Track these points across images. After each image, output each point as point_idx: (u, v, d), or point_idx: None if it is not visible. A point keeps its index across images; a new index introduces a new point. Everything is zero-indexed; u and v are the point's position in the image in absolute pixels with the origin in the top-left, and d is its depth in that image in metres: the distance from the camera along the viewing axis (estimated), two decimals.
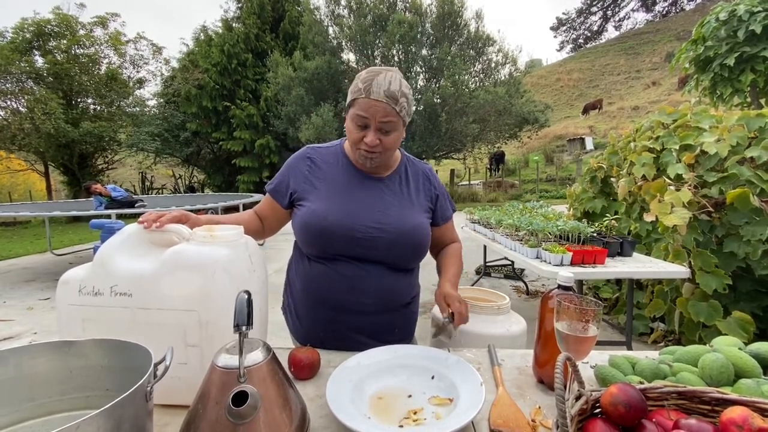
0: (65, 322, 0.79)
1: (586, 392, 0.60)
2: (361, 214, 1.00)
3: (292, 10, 16.65)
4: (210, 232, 0.81)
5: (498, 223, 3.24)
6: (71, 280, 0.79)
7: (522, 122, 15.12)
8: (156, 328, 0.75)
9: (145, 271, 0.76)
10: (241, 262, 0.82)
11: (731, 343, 0.78)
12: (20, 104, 12.78)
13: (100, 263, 0.79)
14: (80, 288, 0.78)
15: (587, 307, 0.66)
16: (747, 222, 2.25)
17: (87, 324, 0.78)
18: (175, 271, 0.75)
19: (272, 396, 0.60)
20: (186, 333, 0.74)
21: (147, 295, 0.75)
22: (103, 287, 0.77)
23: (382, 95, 0.92)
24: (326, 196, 1.02)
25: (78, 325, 0.78)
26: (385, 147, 0.97)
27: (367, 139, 0.95)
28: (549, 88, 33.65)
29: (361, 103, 0.94)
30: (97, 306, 0.76)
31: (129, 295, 0.76)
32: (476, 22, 14.07)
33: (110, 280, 0.77)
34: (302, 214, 1.03)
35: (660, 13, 46.29)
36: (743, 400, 0.57)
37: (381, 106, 0.93)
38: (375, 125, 0.94)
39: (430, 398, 0.76)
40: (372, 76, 0.94)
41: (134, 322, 0.75)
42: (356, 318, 1.03)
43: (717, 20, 5.15)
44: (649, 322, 2.98)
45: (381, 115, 0.93)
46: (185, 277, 0.75)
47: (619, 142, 3.42)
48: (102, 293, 0.76)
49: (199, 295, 0.74)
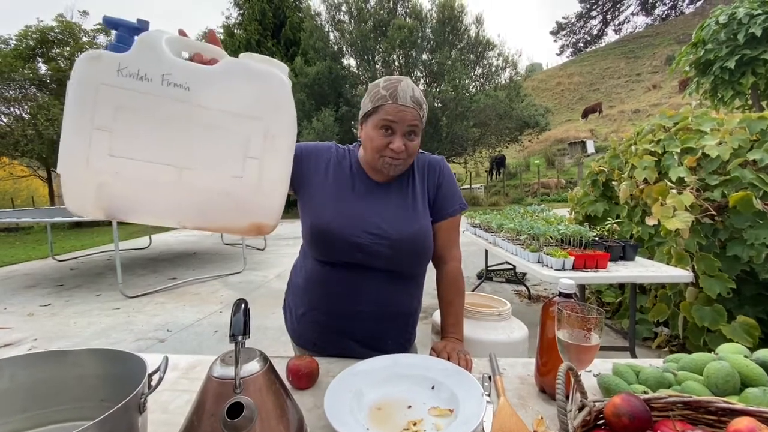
0: (90, 105, 0.59)
1: (589, 403, 0.59)
2: (364, 221, 0.99)
3: (294, 16, 16.78)
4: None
5: (499, 227, 3.23)
6: (105, 56, 0.60)
7: (523, 126, 15.16)
8: (211, 133, 0.63)
9: (205, 67, 0.63)
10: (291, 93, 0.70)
11: (737, 350, 0.77)
12: (23, 111, 12.89)
13: (147, 48, 0.61)
14: (120, 67, 0.59)
15: (589, 315, 0.65)
16: (750, 225, 2.24)
17: (121, 114, 0.60)
18: (242, 75, 0.64)
19: (269, 407, 0.59)
20: (249, 143, 0.64)
21: (209, 93, 0.62)
22: (152, 73, 0.60)
23: (409, 101, 0.93)
24: (332, 200, 1.01)
25: (107, 113, 0.59)
26: (409, 152, 0.97)
27: (394, 144, 0.94)
28: (549, 91, 33.72)
29: (388, 108, 0.93)
30: (142, 93, 0.60)
31: (186, 89, 0.61)
32: (476, 26, 14.17)
33: (161, 66, 0.60)
34: (309, 215, 1.02)
35: (659, 17, 46.46)
36: (750, 410, 0.55)
37: (409, 111, 0.93)
38: (402, 130, 0.94)
39: (430, 409, 0.74)
40: (394, 83, 0.95)
41: (189, 121, 0.62)
42: (350, 324, 1.02)
43: (717, 23, 5.16)
44: (652, 327, 2.95)
45: (410, 119, 0.94)
46: (255, 83, 0.64)
47: (621, 146, 3.41)
48: (150, 79, 0.60)
49: (269, 104, 0.65)
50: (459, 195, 1.10)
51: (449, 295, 1.09)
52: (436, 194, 1.07)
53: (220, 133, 0.63)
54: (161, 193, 0.62)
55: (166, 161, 0.61)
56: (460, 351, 0.95)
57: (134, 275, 5.70)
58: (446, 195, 1.08)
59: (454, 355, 0.93)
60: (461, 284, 1.10)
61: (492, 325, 1.27)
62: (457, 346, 0.99)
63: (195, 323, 3.75)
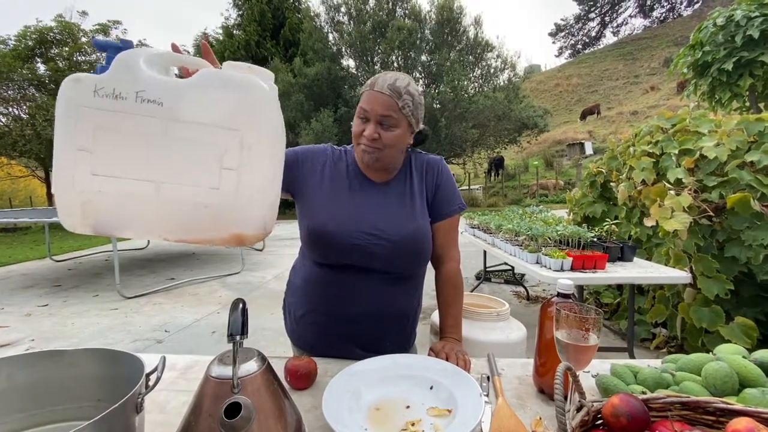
0: (72, 127, 0.61)
1: (587, 403, 0.59)
2: (361, 221, 0.98)
3: (293, 17, 16.80)
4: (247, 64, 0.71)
5: (498, 228, 3.23)
6: (84, 79, 0.62)
7: (521, 127, 15.19)
8: (186, 146, 0.63)
9: (179, 81, 0.64)
10: (276, 101, 0.71)
11: (735, 351, 0.77)
12: (22, 111, 12.85)
13: (124, 67, 0.63)
14: (96, 88, 0.61)
15: (587, 316, 0.65)
16: (748, 226, 2.24)
17: (99, 133, 0.61)
18: (217, 86, 0.64)
19: (267, 407, 0.59)
20: (224, 154, 0.64)
21: (183, 106, 0.63)
22: (126, 91, 0.62)
23: (386, 88, 0.92)
24: (328, 201, 1.01)
25: (86, 134, 0.61)
26: (384, 143, 0.95)
27: (366, 131, 0.94)
28: (548, 93, 33.80)
29: (365, 96, 0.94)
30: (117, 112, 0.61)
31: (159, 104, 0.62)
32: (475, 28, 14.20)
33: (136, 83, 0.62)
34: (306, 217, 1.02)
35: (657, 19, 46.65)
36: (748, 410, 0.55)
37: (382, 98, 0.92)
38: (375, 118, 0.94)
39: (428, 409, 0.74)
40: (381, 74, 0.96)
41: (162, 136, 0.62)
42: (348, 326, 1.02)
43: (715, 25, 5.18)
44: (651, 328, 2.96)
45: (381, 107, 0.92)
46: (230, 93, 0.64)
47: (619, 147, 3.42)
48: (124, 98, 0.61)
49: (246, 114, 0.64)
50: (458, 195, 1.09)
51: (448, 296, 1.09)
52: (435, 194, 1.06)
53: (195, 146, 0.63)
54: (142, 208, 0.63)
55: (144, 177, 0.63)
56: (458, 351, 0.95)
57: (132, 276, 5.69)
58: (445, 195, 1.07)
59: (452, 355, 0.92)
60: (460, 285, 1.10)
61: (491, 326, 1.27)
62: (456, 347, 0.99)
63: (193, 324, 3.74)
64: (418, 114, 0.99)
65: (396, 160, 1.04)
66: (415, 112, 0.98)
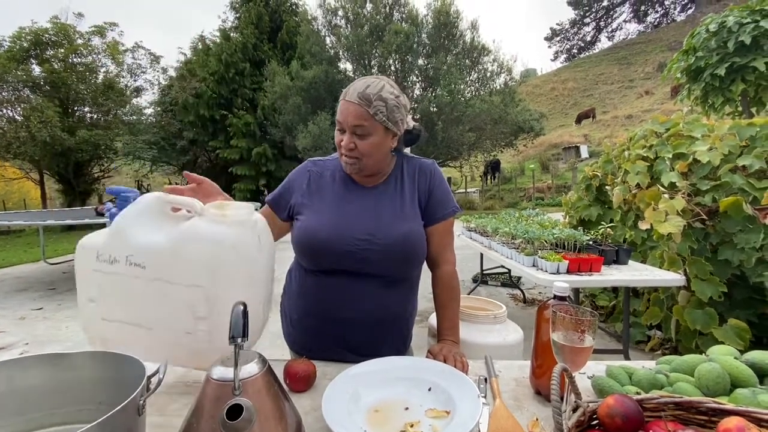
0: (84, 286, 0.82)
1: (583, 404, 0.60)
2: (353, 227, 0.98)
3: (290, 21, 16.83)
4: (222, 211, 0.81)
5: (494, 231, 3.25)
6: (88, 246, 0.81)
7: (517, 131, 15.27)
8: (164, 300, 0.76)
9: (159, 244, 0.77)
10: (249, 241, 0.82)
11: (727, 352, 0.79)
12: (16, 113, 12.77)
13: (118, 232, 0.80)
14: (98, 255, 0.79)
15: (583, 318, 0.66)
16: (741, 230, 2.27)
17: (102, 289, 0.80)
18: (186, 246, 0.76)
19: (267, 409, 0.60)
20: (195, 306, 0.75)
21: (159, 268, 0.76)
22: (120, 256, 0.78)
23: (356, 97, 0.92)
24: (319, 211, 1.02)
25: (93, 289, 0.80)
26: (361, 152, 0.95)
27: (343, 142, 0.95)
28: (544, 97, 34.02)
29: (339, 106, 0.95)
30: (112, 273, 0.78)
31: (143, 267, 0.77)
32: (472, 32, 14.28)
33: (126, 249, 0.78)
34: (296, 229, 1.03)
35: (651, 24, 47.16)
36: (740, 410, 0.57)
37: (352, 108, 0.92)
38: (349, 128, 0.94)
39: (427, 411, 0.75)
40: (355, 81, 0.96)
41: (145, 293, 0.77)
42: (346, 331, 1.02)
43: (707, 31, 5.26)
44: (646, 330, 2.98)
45: (353, 117, 0.92)
46: (195, 253, 0.76)
47: (614, 151, 3.45)
48: (118, 261, 0.78)
49: (206, 271, 0.75)
50: (451, 198, 1.09)
51: (444, 299, 1.09)
52: (429, 198, 1.06)
53: (171, 300, 0.76)
54: (142, 343, 0.78)
55: (138, 323, 0.79)
56: (456, 354, 0.95)
57: None
58: (439, 199, 1.06)
59: (450, 357, 0.93)
60: (456, 287, 1.10)
61: (488, 328, 1.28)
62: (454, 349, 0.99)
63: None
64: (396, 117, 0.96)
65: (381, 166, 1.03)
66: (392, 116, 0.95)
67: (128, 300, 0.78)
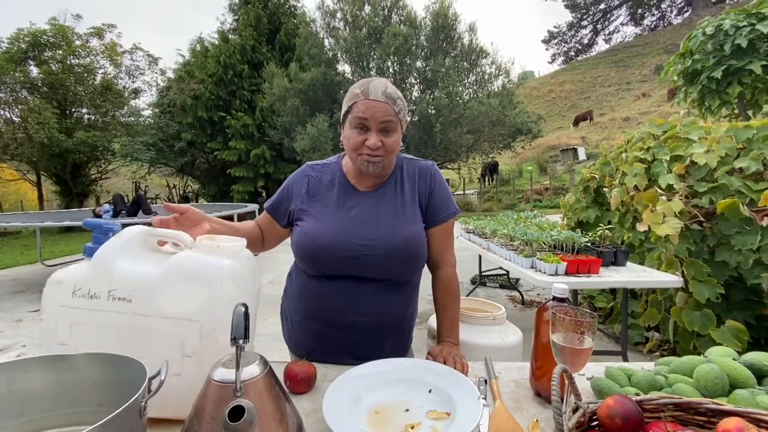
0: (52, 324, 0.74)
1: (583, 405, 0.61)
2: (353, 232, 0.98)
3: (289, 23, 16.85)
4: (215, 242, 0.80)
5: (493, 232, 3.25)
6: (65, 281, 0.75)
7: (515, 133, 15.31)
8: (151, 336, 0.72)
9: (148, 276, 0.74)
10: (244, 273, 0.81)
11: (725, 353, 0.79)
12: (14, 114, 12.73)
13: (100, 265, 0.75)
14: (74, 289, 0.74)
15: (582, 319, 0.66)
16: (738, 231, 2.29)
17: (75, 329, 0.73)
18: (180, 278, 0.74)
19: (269, 411, 0.60)
20: (184, 342, 0.71)
21: (148, 302, 0.73)
22: (100, 290, 0.73)
23: (381, 95, 0.93)
24: (319, 216, 1.02)
25: (65, 330, 0.73)
26: (387, 149, 0.96)
27: (370, 141, 0.93)
28: (541, 99, 34.14)
29: (360, 105, 0.94)
30: (91, 310, 0.73)
31: (128, 301, 0.73)
32: (470, 34, 14.32)
33: (109, 283, 0.74)
34: (296, 234, 1.03)
35: (648, 27, 47.41)
36: (739, 410, 0.57)
37: (381, 106, 0.93)
38: (376, 126, 0.94)
39: (427, 412, 0.75)
40: (367, 81, 0.96)
41: (129, 328, 0.72)
42: (347, 335, 1.02)
43: (704, 34, 5.29)
44: (644, 332, 2.99)
45: (381, 114, 0.93)
46: (190, 285, 0.73)
47: (611, 153, 3.47)
48: (98, 297, 0.73)
49: (204, 305, 0.72)
50: (451, 200, 1.09)
51: (444, 300, 1.10)
52: (429, 200, 1.06)
53: (159, 336, 0.72)
54: None
55: None
56: (456, 355, 0.96)
57: None
58: (439, 201, 1.07)
59: (450, 359, 0.93)
60: (456, 289, 1.11)
61: (487, 330, 1.29)
62: (454, 350, 1.00)
63: None
64: (406, 116, 1.02)
65: (392, 165, 1.05)
66: (405, 114, 1.00)
67: (108, 340, 0.72)
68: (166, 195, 19.67)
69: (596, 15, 49.66)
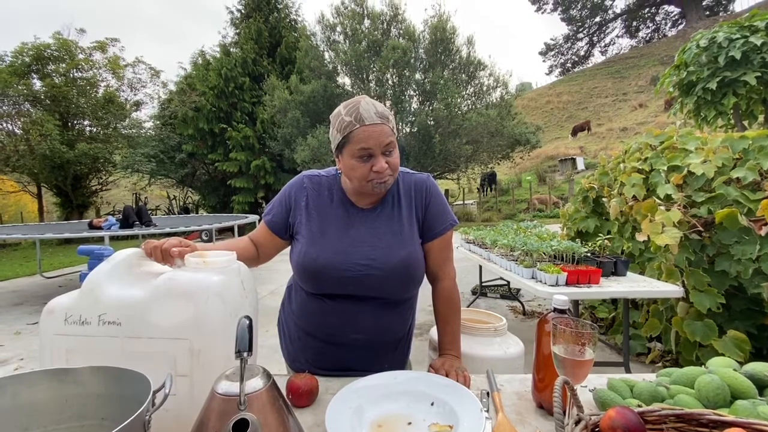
0: (48, 353, 0.76)
1: (585, 416, 0.61)
2: (353, 253, 0.98)
3: (289, 36, 17.12)
4: (202, 258, 0.80)
5: (493, 243, 3.26)
6: (57, 309, 0.77)
7: (514, 143, 15.41)
8: (144, 358, 0.72)
9: (136, 298, 0.75)
10: (233, 287, 0.81)
11: (726, 364, 0.79)
12: (16, 126, 12.83)
13: (89, 291, 0.77)
14: (66, 317, 0.76)
15: (583, 330, 0.67)
16: (737, 241, 2.29)
17: (71, 355, 0.75)
18: (167, 298, 0.74)
19: (272, 424, 0.60)
20: (176, 362, 0.72)
21: (137, 324, 0.73)
22: (91, 316, 0.75)
23: (376, 118, 0.91)
24: (318, 234, 1.01)
25: (61, 357, 0.75)
26: (393, 168, 0.95)
27: (377, 167, 0.91)
28: (539, 110, 34.45)
29: (359, 134, 0.90)
30: (83, 336, 0.74)
31: (118, 324, 0.74)
32: (468, 47, 14.52)
33: (99, 308, 0.75)
34: (296, 253, 1.02)
35: (643, 39, 48.08)
36: (740, 421, 0.57)
37: (379, 129, 0.91)
38: (380, 150, 0.92)
39: (430, 425, 0.75)
40: (354, 106, 0.92)
41: (122, 351, 0.73)
42: (346, 351, 1.03)
43: (698, 46, 5.37)
44: (646, 342, 2.97)
45: (383, 138, 0.91)
46: (177, 304, 0.73)
47: (610, 163, 3.50)
48: (89, 322, 0.75)
49: (191, 323, 0.72)
50: (449, 211, 1.08)
51: (445, 313, 1.09)
52: (426, 214, 1.05)
53: (151, 357, 0.73)
54: None
55: None
56: (458, 368, 0.96)
57: None
58: (435, 214, 1.06)
59: (452, 372, 0.93)
60: (457, 301, 1.10)
61: (488, 341, 1.28)
62: (456, 363, 0.99)
63: None
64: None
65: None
66: (395, 126, 0.99)
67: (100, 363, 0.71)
68: (166, 206, 19.68)
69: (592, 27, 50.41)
